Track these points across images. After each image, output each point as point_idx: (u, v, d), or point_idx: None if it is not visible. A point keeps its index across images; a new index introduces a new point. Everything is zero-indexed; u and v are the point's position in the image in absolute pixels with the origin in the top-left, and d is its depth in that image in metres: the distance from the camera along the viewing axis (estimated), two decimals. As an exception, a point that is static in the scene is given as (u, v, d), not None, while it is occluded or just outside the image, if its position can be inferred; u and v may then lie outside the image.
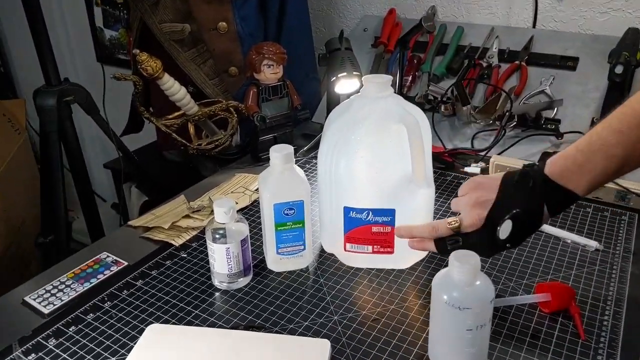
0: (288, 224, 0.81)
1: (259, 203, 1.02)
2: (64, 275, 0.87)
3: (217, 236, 0.80)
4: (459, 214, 0.71)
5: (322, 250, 0.91)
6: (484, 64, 1.31)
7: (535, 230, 0.68)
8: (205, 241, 0.93)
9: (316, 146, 1.31)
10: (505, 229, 0.66)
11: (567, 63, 1.26)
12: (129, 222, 1.01)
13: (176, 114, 1.31)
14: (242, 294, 0.82)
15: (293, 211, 0.81)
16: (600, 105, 1.18)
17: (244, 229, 0.81)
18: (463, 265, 0.62)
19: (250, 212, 1.03)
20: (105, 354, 0.71)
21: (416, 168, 0.77)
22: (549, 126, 1.18)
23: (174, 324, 0.77)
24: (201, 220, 0.99)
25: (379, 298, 0.80)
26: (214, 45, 1.33)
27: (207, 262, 0.89)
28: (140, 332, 0.74)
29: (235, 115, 1.31)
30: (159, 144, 1.61)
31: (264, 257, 0.89)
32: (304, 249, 0.85)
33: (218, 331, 0.74)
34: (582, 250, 0.87)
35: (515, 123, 1.19)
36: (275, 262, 0.85)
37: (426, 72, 1.34)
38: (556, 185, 0.64)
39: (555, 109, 1.20)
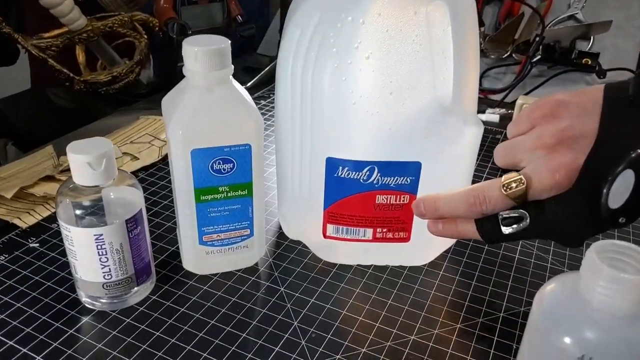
0: (221, 189, 0.44)
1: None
2: None
3: (80, 212, 0.41)
4: (519, 169, 0.37)
5: (282, 237, 0.54)
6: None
7: None
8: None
9: (264, 83, 0.93)
10: (619, 190, 0.32)
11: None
12: (-51, 188, 0.60)
13: (56, 31, 0.89)
14: (132, 319, 0.44)
15: (231, 165, 0.43)
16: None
17: (134, 198, 0.43)
18: (621, 276, 0.27)
19: (159, 175, 0.65)
20: None
21: (462, 89, 0.42)
22: (583, 61, 0.86)
23: (-14, 387, 0.38)
24: (74, 185, 0.59)
25: (386, 322, 0.45)
26: None
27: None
28: None
29: (145, 37, 0.90)
30: (33, 79, 1.16)
31: (177, 252, 0.52)
32: (251, 234, 0.48)
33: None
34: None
35: (539, 57, 0.86)
36: (197, 259, 0.48)
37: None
38: None
39: (592, 38, 0.88)
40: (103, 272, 0.42)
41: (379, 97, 0.41)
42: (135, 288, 0.44)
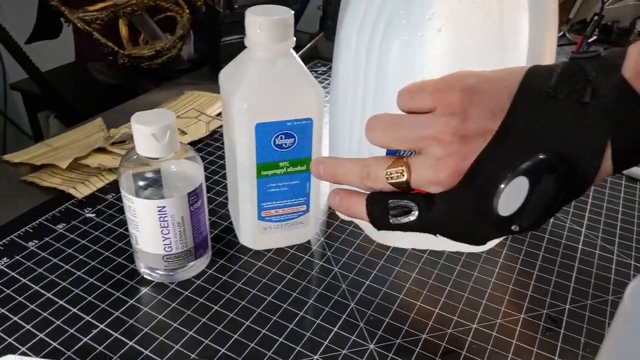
0: (281, 164, 0.43)
1: (220, 134, 0.63)
2: None
3: (142, 183, 0.41)
4: (410, 153, 0.33)
5: (332, 217, 0.54)
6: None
7: (573, 200, 0.31)
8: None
9: (304, 60, 0.92)
10: (510, 197, 0.30)
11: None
12: (4, 156, 0.61)
13: (101, 5, 0.89)
14: (190, 291, 0.44)
15: (292, 140, 0.42)
16: None
17: (195, 171, 0.42)
18: None
19: (207, 150, 0.64)
20: None
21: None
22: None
23: (52, 352, 0.39)
24: (126, 158, 0.59)
25: (446, 308, 0.44)
26: None
27: (126, 227, 0.50)
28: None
29: (187, 12, 0.90)
30: (77, 53, 1.17)
31: (230, 227, 0.51)
32: (307, 210, 0.47)
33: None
34: None
35: (595, 37, 0.83)
36: (255, 234, 0.48)
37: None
38: None
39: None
40: (164, 245, 0.42)
41: (448, 73, 0.40)
42: (193, 261, 0.44)
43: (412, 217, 0.32)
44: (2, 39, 0.90)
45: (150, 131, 0.38)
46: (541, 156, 0.28)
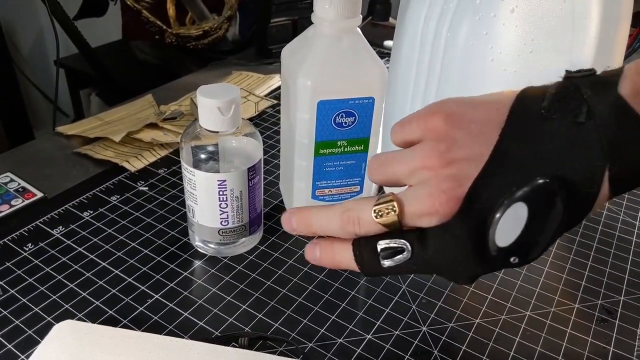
0: (339, 143, 0.43)
1: (269, 115, 0.63)
2: None
3: (204, 157, 0.41)
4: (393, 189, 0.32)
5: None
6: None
7: (574, 227, 0.29)
8: (180, 167, 0.55)
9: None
10: (508, 226, 0.27)
11: None
12: (58, 128, 0.62)
13: (150, -17, 0.90)
14: (243, 266, 0.44)
15: (352, 119, 0.42)
16: None
17: (254, 147, 0.42)
18: None
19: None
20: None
21: (606, 56, 0.39)
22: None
23: (108, 319, 0.39)
24: (176, 134, 0.60)
25: (499, 295, 0.44)
26: None
27: (179, 201, 0.51)
28: (44, 335, 0.37)
29: (236, -8, 0.90)
30: (124, 32, 1.18)
31: (280, 205, 0.51)
32: (360, 191, 0.47)
33: (190, 345, 0.36)
34: None
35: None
36: (305, 212, 0.47)
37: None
38: None
39: None
40: (221, 218, 0.42)
41: (518, 55, 0.39)
42: (247, 237, 0.45)
43: (405, 256, 0.29)
44: (56, 14, 0.91)
45: (216, 104, 0.38)
46: (539, 180, 0.27)
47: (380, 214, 0.29)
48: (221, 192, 0.40)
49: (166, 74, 1.07)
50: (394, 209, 0.29)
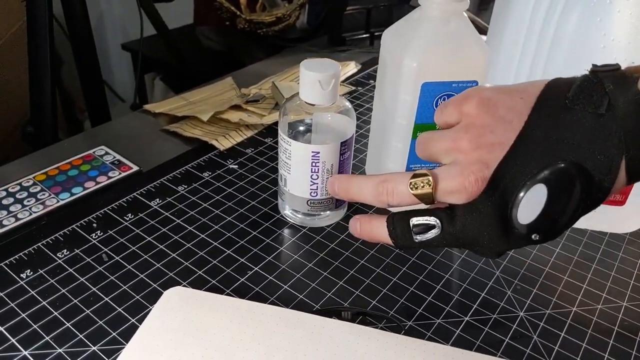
0: (437, 127, 0.43)
1: (350, 98, 0.64)
2: (29, 177, 0.51)
3: (302, 128, 0.42)
4: (432, 166, 0.35)
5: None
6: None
7: (590, 211, 0.31)
8: (268, 147, 0.56)
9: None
10: (530, 205, 0.31)
11: None
12: (146, 106, 0.64)
13: (224, -31, 0.92)
14: (322, 237, 0.45)
15: (454, 103, 0.42)
16: None
17: (347, 123, 0.43)
18: None
19: (336, 113, 0.65)
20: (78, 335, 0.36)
21: None
22: None
23: (212, 288, 0.41)
24: (260, 116, 0.61)
25: (593, 284, 0.43)
26: None
27: (268, 180, 0.52)
28: (152, 300, 0.39)
29: (309, -20, 0.91)
30: (196, 17, 1.20)
31: (368, 185, 0.52)
32: (452, 177, 0.47)
33: (287, 314, 0.37)
34: None
35: None
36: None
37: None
38: None
39: None
40: (311, 189, 0.43)
41: (629, 43, 0.39)
42: (333, 211, 0.46)
43: (435, 232, 0.33)
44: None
45: (318, 78, 0.39)
46: (560, 165, 0.30)
47: (416, 186, 0.33)
48: (314, 164, 0.41)
49: (229, 61, 1.10)
50: (429, 182, 0.32)
